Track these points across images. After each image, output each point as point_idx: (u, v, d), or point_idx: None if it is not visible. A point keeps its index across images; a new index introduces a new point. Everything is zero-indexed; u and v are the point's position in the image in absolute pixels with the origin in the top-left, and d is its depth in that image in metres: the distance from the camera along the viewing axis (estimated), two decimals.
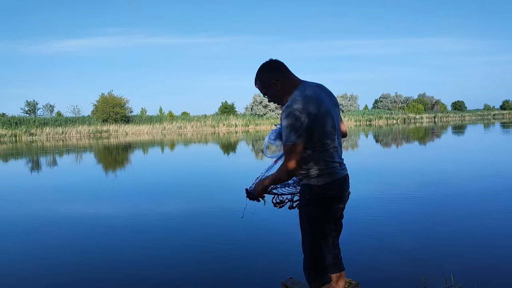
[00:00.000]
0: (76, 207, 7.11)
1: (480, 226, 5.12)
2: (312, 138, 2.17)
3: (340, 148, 2.36)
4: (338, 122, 2.35)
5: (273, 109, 59.80)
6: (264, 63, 2.35)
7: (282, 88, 2.30)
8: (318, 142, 2.19)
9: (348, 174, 2.37)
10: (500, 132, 29.13)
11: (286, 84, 2.29)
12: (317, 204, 2.23)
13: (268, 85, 2.32)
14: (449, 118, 73.86)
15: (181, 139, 33.19)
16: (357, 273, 3.39)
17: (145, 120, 54.53)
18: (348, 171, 2.38)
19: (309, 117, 2.12)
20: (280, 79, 2.30)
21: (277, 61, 2.35)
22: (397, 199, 6.83)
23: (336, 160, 2.27)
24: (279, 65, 2.33)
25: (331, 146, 2.24)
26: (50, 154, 21.06)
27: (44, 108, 59.68)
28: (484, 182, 8.19)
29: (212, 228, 5.47)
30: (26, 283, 3.79)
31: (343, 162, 2.35)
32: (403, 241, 4.58)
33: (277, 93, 2.33)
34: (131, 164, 15.23)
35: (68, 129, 46.18)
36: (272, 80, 2.30)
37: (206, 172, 11.69)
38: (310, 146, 2.19)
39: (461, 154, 14.45)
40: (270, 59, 2.35)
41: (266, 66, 2.34)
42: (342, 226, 2.46)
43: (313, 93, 2.21)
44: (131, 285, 3.63)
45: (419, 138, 25.57)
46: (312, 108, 2.14)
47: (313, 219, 2.25)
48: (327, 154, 2.23)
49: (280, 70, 2.32)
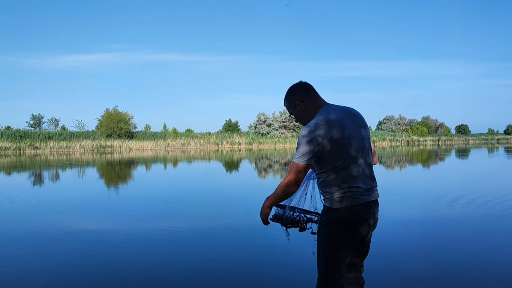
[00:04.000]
0: (77, 222, 7.03)
1: (501, 253, 5.00)
2: (334, 162, 2.19)
3: (369, 172, 2.31)
4: (365, 143, 2.32)
5: (276, 128, 59.94)
6: (293, 84, 2.45)
7: (305, 109, 2.38)
8: (340, 166, 2.20)
9: (375, 201, 2.31)
10: (504, 156, 28.96)
11: (310, 106, 2.37)
12: (332, 226, 2.24)
13: (294, 106, 2.41)
14: (453, 142, 73.75)
15: (184, 156, 33.21)
16: None
17: (149, 136, 54.71)
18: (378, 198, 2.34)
19: (331, 142, 2.16)
20: (305, 100, 2.38)
21: (305, 83, 2.44)
22: (405, 221, 6.73)
23: (359, 185, 2.23)
24: (305, 87, 2.42)
25: (354, 170, 2.23)
26: (54, 168, 21.06)
27: (49, 122, 60.23)
28: (489, 207, 8.07)
29: (218, 244, 5.38)
30: None
31: (372, 188, 2.30)
32: (416, 267, 4.46)
33: (301, 114, 2.40)
34: (133, 180, 15.17)
35: (72, 144, 46.34)
36: (297, 102, 2.39)
37: (208, 189, 11.62)
38: (333, 170, 2.21)
39: (464, 177, 14.34)
40: (300, 81, 2.45)
41: (293, 88, 2.44)
42: (366, 253, 2.41)
43: (337, 117, 2.24)
44: None
45: (422, 160, 25.47)
46: (335, 133, 2.18)
47: (328, 241, 2.26)
48: (350, 178, 2.22)
49: (306, 92, 2.40)
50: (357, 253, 2.34)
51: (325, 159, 2.19)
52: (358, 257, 2.38)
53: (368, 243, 2.38)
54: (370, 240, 2.38)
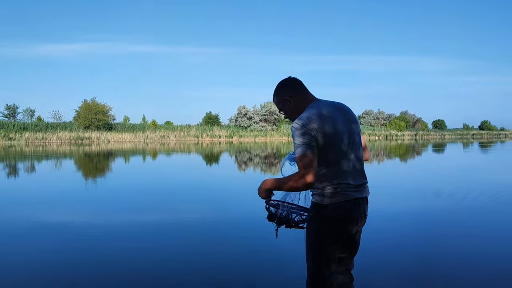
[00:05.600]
0: (53, 215, 6.91)
1: (484, 246, 5.05)
2: (326, 156, 2.17)
3: (359, 168, 2.30)
4: (356, 138, 2.31)
5: (257, 121, 59.90)
6: (282, 80, 2.42)
7: (295, 105, 2.35)
8: (331, 161, 2.19)
9: (365, 198, 2.29)
10: (479, 151, 29.67)
11: (300, 101, 2.34)
12: (319, 222, 2.22)
13: (283, 101, 2.38)
14: (429, 136, 75.03)
15: (163, 148, 32.93)
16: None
17: (128, 128, 54.02)
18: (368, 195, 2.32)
19: (324, 137, 2.14)
20: (294, 96, 2.36)
21: (294, 78, 2.41)
22: (389, 215, 6.83)
23: (349, 182, 2.21)
24: (295, 83, 2.39)
25: (345, 165, 2.22)
26: (29, 159, 20.60)
27: (24, 112, 58.65)
28: (480, 200, 8.26)
29: (203, 237, 5.36)
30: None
31: (362, 184, 2.29)
32: (401, 260, 4.53)
33: (290, 109, 2.38)
34: (111, 172, 14.97)
35: (48, 135, 45.40)
36: (286, 97, 2.37)
37: (188, 182, 11.58)
38: (324, 165, 2.19)
39: (442, 171, 14.65)
40: (289, 76, 2.42)
41: (282, 83, 2.41)
42: (355, 250, 2.40)
43: (329, 112, 2.23)
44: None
45: (400, 155, 25.89)
46: (327, 128, 2.16)
47: (316, 237, 2.24)
48: (340, 173, 2.20)
49: (296, 88, 2.38)
50: (346, 250, 2.34)
51: (316, 153, 2.15)
52: (347, 254, 2.37)
53: (358, 240, 2.36)
54: (359, 237, 2.37)
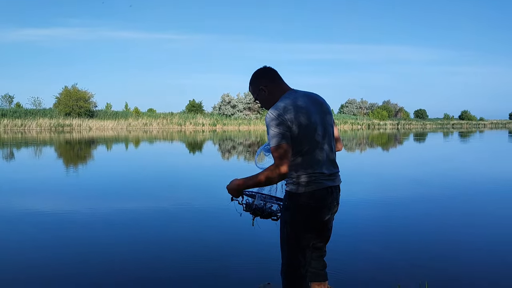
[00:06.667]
0: (34, 204, 6.75)
1: (456, 234, 5.17)
2: (300, 146, 2.19)
3: (332, 158, 2.35)
4: (329, 129, 2.34)
5: (241, 110, 59.74)
6: (257, 69, 2.44)
7: (270, 94, 2.37)
8: (306, 151, 2.20)
9: (337, 186, 2.35)
10: (459, 141, 30.19)
11: (275, 91, 2.36)
12: (293, 211, 2.25)
13: (258, 91, 2.40)
14: (411, 126, 76.15)
15: (146, 136, 32.61)
16: (330, 280, 3.31)
17: (110, 116, 53.35)
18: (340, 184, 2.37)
19: (298, 127, 2.16)
20: (269, 85, 2.37)
21: (269, 68, 2.43)
22: (365, 204, 6.86)
23: (323, 171, 2.25)
24: (270, 72, 2.41)
25: (319, 155, 2.24)
26: (8, 146, 20.13)
27: (2, 98, 57.40)
28: (454, 189, 8.37)
29: (184, 228, 5.29)
30: None
31: (335, 173, 2.34)
32: (375, 248, 4.55)
33: (265, 99, 2.40)
34: (93, 160, 14.72)
35: (28, 122, 44.54)
36: (261, 86, 2.38)
37: (170, 170, 11.49)
38: (298, 154, 2.20)
39: (422, 160, 14.84)
40: (264, 66, 2.44)
41: (258, 73, 2.43)
42: (328, 238, 2.46)
43: (304, 103, 2.25)
44: (101, 282, 3.42)
45: (382, 144, 26.16)
46: (302, 119, 2.18)
47: (290, 226, 2.27)
48: (314, 163, 2.23)
49: (270, 77, 2.39)
50: (319, 237, 2.38)
51: (291, 143, 2.16)
52: (320, 241, 2.41)
53: (330, 228, 2.42)
54: (332, 225, 2.43)
